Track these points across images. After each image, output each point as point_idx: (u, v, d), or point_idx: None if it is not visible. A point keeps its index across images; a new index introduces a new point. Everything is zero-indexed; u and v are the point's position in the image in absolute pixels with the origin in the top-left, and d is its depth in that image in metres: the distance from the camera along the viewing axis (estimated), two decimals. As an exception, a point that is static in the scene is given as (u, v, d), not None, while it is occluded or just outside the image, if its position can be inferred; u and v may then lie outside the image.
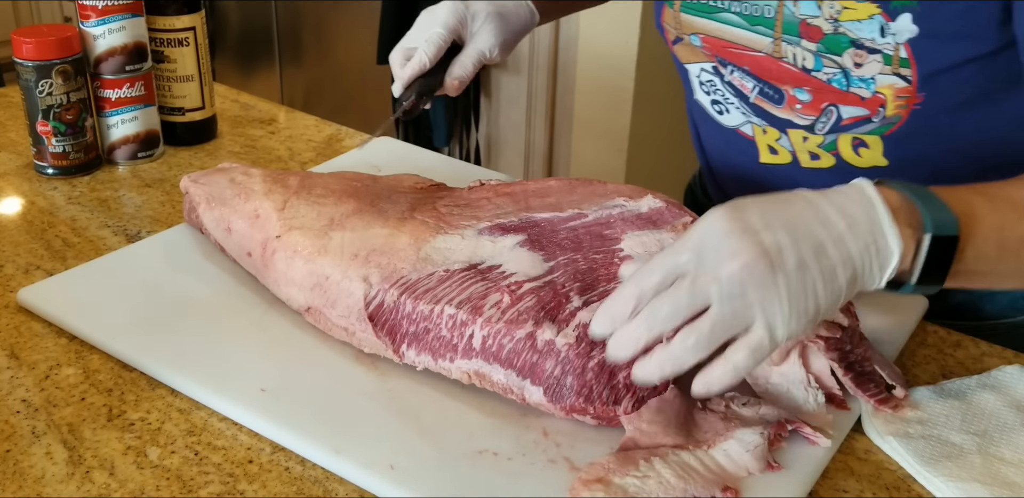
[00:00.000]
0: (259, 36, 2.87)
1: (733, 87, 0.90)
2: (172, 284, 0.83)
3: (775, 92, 0.86)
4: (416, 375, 0.72)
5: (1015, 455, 0.67)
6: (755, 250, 0.56)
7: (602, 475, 0.62)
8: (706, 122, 0.97)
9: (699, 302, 0.57)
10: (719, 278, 0.56)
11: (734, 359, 0.58)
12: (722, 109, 0.93)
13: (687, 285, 0.57)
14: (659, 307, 0.58)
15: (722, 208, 0.59)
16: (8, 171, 1.06)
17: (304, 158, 1.11)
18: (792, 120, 0.87)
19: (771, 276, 0.56)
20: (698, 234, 0.58)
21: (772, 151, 0.91)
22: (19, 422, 0.69)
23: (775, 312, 0.57)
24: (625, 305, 0.59)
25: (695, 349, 0.57)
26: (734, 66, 0.88)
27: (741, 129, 0.92)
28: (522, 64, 2.42)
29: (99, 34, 1.02)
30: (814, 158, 0.88)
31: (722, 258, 0.57)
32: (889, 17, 0.76)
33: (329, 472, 0.65)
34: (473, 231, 0.77)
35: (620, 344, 0.59)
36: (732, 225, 0.57)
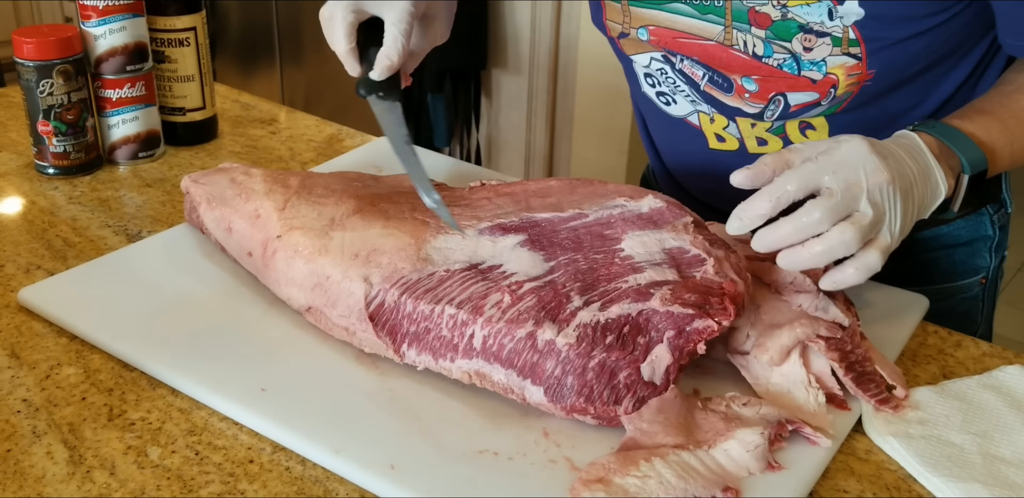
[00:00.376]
0: (260, 36, 2.87)
1: (684, 75, 0.90)
2: (173, 284, 0.83)
3: (724, 80, 0.87)
4: (417, 375, 0.72)
5: (1016, 455, 0.67)
6: (891, 171, 0.68)
7: (602, 475, 0.62)
8: (653, 114, 0.99)
9: (848, 209, 0.67)
10: (868, 188, 0.67)
11: (867, 260, 0.68)
12: (669, 100, 0.95)
13: (838, 194, 0.67)
14: (812, 211, 0.67)
15: (857, 137, 0.69)
16: (9, 171, 1.06)
17: (305, 158, 1.11)
18: (741, 108, 0.88)
19: (898, 193, 0.69)
20: (841, 151, 0.68)
21: (720, 139, 0.93)
22: (20, 422, 0.69)
23: (895, 223, 0.69)
24: (763, 207, 0.68)
25: (849, 243, 0.67)
26: (684, 55, 0.88)
27: (688, 119, 0.94)
28: (523, 65, 2.42)
29: (100, 34, 1.02)
30: (761, 144, 0.91)
31: (869, 172, 0.68)
32: (837, 1, 0.77)
33: (330, 472, 0.65)
34: (474, 231, 0.77)
35: (768, 241, 0.68)
36: (872, 148, 0.69)
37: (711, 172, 0.96)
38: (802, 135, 0.89)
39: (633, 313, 0.68)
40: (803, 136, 0.89)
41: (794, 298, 0.75)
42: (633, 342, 0.67)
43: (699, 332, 0.67)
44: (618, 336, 0.67)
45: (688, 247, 0.74)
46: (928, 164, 0.72)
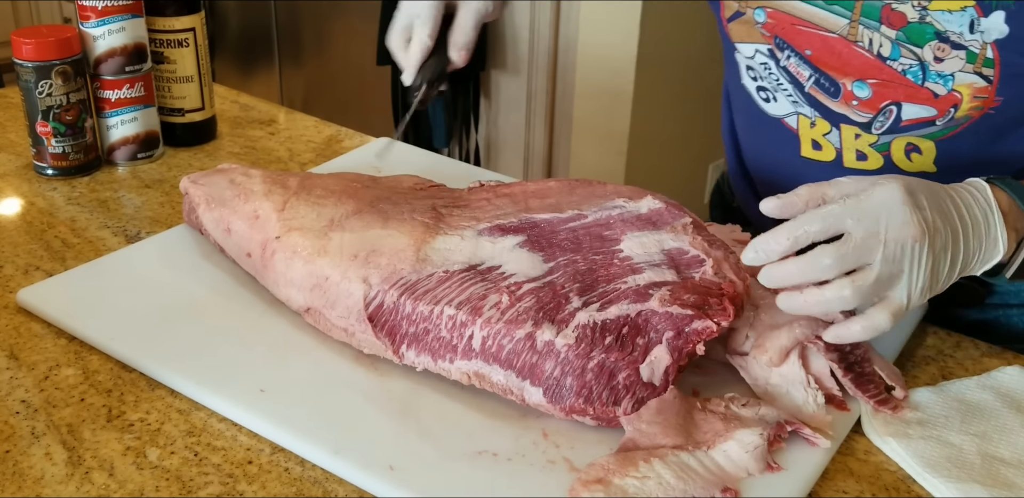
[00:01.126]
0: (259, 37, 2.87)
1: (788, 73, 0.85)
2: (171, 285, 0.83)
3: (831, 84, 0.82)
4: (416, 376, 0.72)
5: (1014, 456, 0.67)
6: (921, 227, 0.63)
7: (601, 476, 0.62)
8: (747, 110, 0.93)
9: (860, 260, 0.63)
10: (886, 242, 0.63)
11: (875, 319, 0.65)
12: (769, 96, 0.89)
13: (854, 243, 0.63)
14: (822, 257, 0.63)
15: (896, 181, 0.64)
16: (8, 172, 1.06)
17: (304, 159, 1.11)
18: (848, 115, 0.83)
19: (925, 252, 0.64)
20: (873, 198, 0.64)
21: (816, 146, 0.88)
22: (18, 423, 0.69)
23: (916, 284, 0.64)
24: (779, 244, 0.64)
25: (845, 300, 0.64)
26: (792, 51, 0.83)
27: (786, 120, 0.89)
28: (521, 66, 2.42)
29: (99, 35, 1.02)
30: (860, 158, 0.85)
31: (892, 225, 0.63)
32: (983, 12, 0.72)
33: (329, 473, 0.65)
34: (473, 232, 0.77)
35: (773, 278, 0.66)
36: (907, 199, 0.64)
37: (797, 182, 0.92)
38: (906, 158, 0.83)
39: (632, 314, 0.68)
40: (907, 159, 0.83)
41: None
42: (632, 343, 0.67)
43: (698, 333, 0.67)
44: (617, 337, 0.67)
45: (687, 248, 0.74)
46: (989, 220, 0.67)
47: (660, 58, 2.33)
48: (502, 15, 0.93)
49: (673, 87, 2.43)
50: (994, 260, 0.68)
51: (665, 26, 2.29)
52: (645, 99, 2.34)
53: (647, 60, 2.28)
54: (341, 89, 2.73)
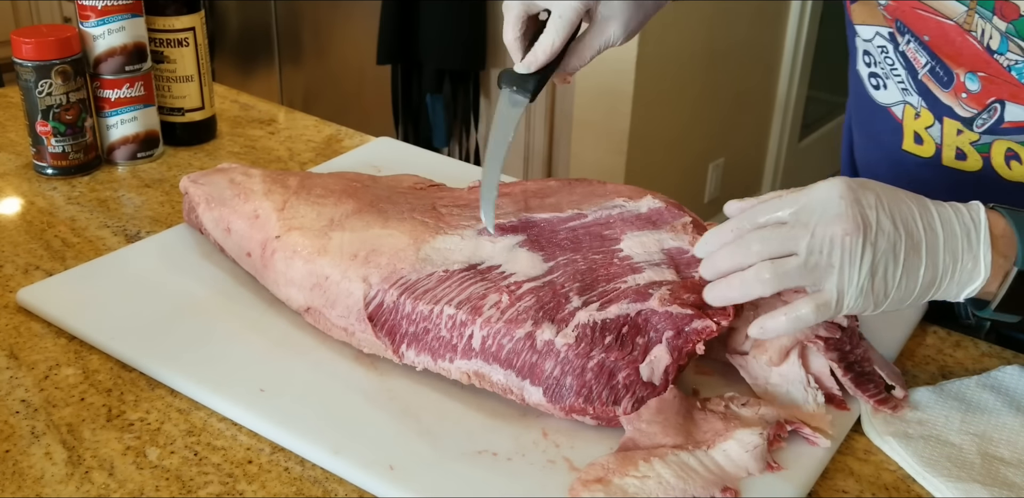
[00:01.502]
0: (258, 36, 2.87)
1: (905, 58, 0.83)
2: (171, 284, 0.83)
3: (945, 73, 0.80)
4: (415, 375, 0.72)
5: (1014, 455, 0.67)
6: (856, 221, 0.62)
7: (601, 475, 0.62)
8: (858, 97, 0.91)
9: (787, 248, 0.63)
10: (813, 233, 0.62)
11: (800, 310, 0.63)
12: (879, 83, 0.87)
13: (782, 230, 0.63)
14: (751, 241, 0.64)
15: (845, 179, 0.64)
16: (8, 171, 1.06)
17: (304, 158, 1.11)
18: (953, 108, 0.81)
19: (859, 248, 0.62)
20: (812, 193, 0.64)
21: (918, 139, 0.85)
22: (18, 422, 0.69)
23: (851, 280, 0.62)
24: (725, 235, 0.65)
25: (765, 283, 0.63)
26: (912, 35, 0.81)
27: (892, 109, 0.87)
28: (521, 65, 2.42)
29: (99, 34, 1.02)
30: (960, 157, 0.83)
31: (824, 218, 0.62)
32: None
33: (328, 472, 0.65)
34: (472, 231, 0.77)
35: (706, 266, 0.66)
36: (846, 193, 0.63)
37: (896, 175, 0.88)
38: (1006, 165, 0.80)
39: (632, 313, 0.68)
40: (1007, 167, 0.80)
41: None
42: (632, 342, 0.67)
43: (698, 332, 0.67)
44: (617, 336, 0.67)
45: (687, 247, 0.74)
46: (971, 238, 0.63)
47: (660, 56, 2.32)
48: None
49: (673, 87, 2.43)
50: (974, 283, 0.64)
51: (665, 26, 2.29)
52: (645, 99, 2.34)
53: (647, 60, 2.28)
54: (341, 88, 2.73)
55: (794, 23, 2.75)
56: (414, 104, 2.50)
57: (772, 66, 2.80)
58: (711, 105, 2.60)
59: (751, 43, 2.65)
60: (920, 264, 0.63)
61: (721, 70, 2.56)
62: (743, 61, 2.65)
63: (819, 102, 3.18)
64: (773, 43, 2.76)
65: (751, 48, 2.66)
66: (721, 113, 2.65)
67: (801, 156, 3.11)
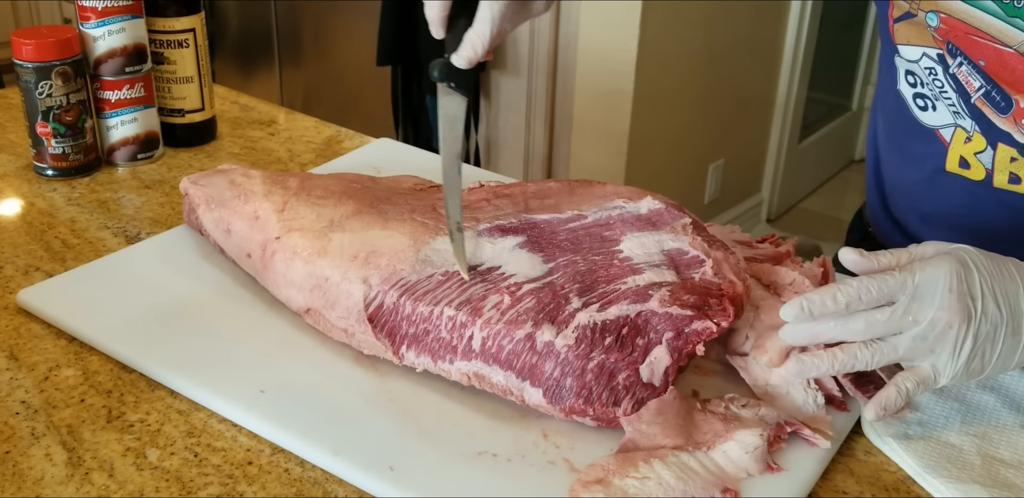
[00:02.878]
0: (259, 37, 2.87)
1: (956, 81, 0.81)
2: (172, 285, 0.83)
3: (1003, 98, 0.78)
4: (415, 376, 0.72)
5: (1014, 456, 0.67)
6: (963, 314, 0.63)
7: (601, 476, 0.62)
8: (897, 116, 0.89)
9: (890, 331, 0.64)
10: (919, 321, 0.63)
11: (904, 385, 0.65)
12: (927, 104, 0.85)
13: (889, 314, 0.64)
14: (856, 321, 0.64)
15: (955, 263, 0.64)
16: (8, 172, 1.06)
17: (304, 159, 1.11)
18: (1012, 134, 0.79)
19: (961, 337, 0.63)
20: (924, 278, 0.64)
21: (963, 164, 0.84)
22: (18, 423, 0.69)
23: (946, 363, 0.64)
24: (828, 305, 0.65)
25: (862, 362, 0.64)
26: (964, 58, 0.79)
27: (940, 131, 0.85)
28: (521, 66, 2.42)
29: (99, 36, 1.02)
30: (1013, 181, 0.82)
31: (932, 306, 0.63)
32: None
33: (329, 473, 0.65)
34: (472, 233, 0.77)
35: (800, 334, 0.66)
36: (956, 285, 0.64)
37: (935, 197, 0.88)
38: None
39: (632, 314, 0.68)
40: None
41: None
42: (632, 343, 0.67)
43: (698, 333, 0.67)
44: (617, 337, 0.67)
45: (687, 248, 0.74)
46: None
47: (660, 58, 2.33)
48: None
49: (673, 87, 2.43)
50: None
51: (665, 26, 2.29)
52: (645, 99, 2.34)
53: (647, 60, 2.28)
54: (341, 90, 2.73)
55: (794, 23, 2.75)
56: (414, 105, 2.50)
57: (772, 67, 2.80)
58: (711, 106, 2.60)
59: (751, 44, 2.65)
60: (1020, 344, 0.65)
61: (721, 71, 2.56)
62: (743, 62, 2.65)
63: (819, 103, 3.18)
64: (773, 44, 2.76)
65: (751, 49, 2.67)
66: (721, 114, 2.65)
67: (801, 157, 3.12)
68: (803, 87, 2.91)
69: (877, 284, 0.64)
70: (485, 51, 0.75)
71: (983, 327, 0.64)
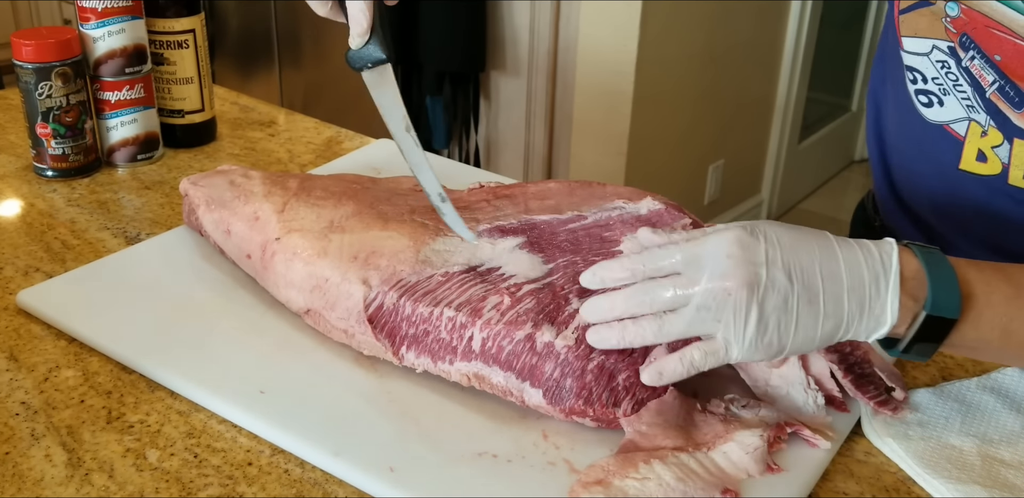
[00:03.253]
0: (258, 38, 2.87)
1: (969, 75, 0.78)
2: (171, 286, 0.83)
3: (1017, 94, 0.76)
4: (415, 377, 0.72)
5: (1015, 457, 0.67)
6: (744, 280, 0.60)
7: (602, 477, 0.62)
8: (900, 115, 0.87)
9: (677, 303, 0.62)
10: (700, 290, 0.61)
11: (690, 356, 0.63)
12: (932, 100, 0.82)
13: (675, 285, 0.62)
14: (643, 292, 0.63)
15: (739, 230, 0.62)
16: (7, 173, 1.06)
17: (304, 160, 1.11)
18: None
19: (746, 305, 0.61)
20: (706, 246, 0.62)
21: (980, 157, 0.81)
22: (18, 424, 0.69)
23: (736, 335, 0.61)
24: (615, 270, 0.65)
25: (653, 336, 0.63)
26: (977, 52, 0.77)
27: (951, 126, 0.82)
28: (521, 66, 2.42)
29: (99, 36, 1.02)
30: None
31: (713, 275, 0.61)
32: None
33: (329, 474, 0.65)
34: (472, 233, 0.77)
35: (593, 308, 0.66)
36: (736, 251, 0.61)
37: (955, 196, 0.84)
38: None
39: (632, 315, 0.68)
40: None
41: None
42: (632, 344, 0.67)
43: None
44: (617, 338, 0.67)
45: (687, 249, 0.74)
46: (880, 284, 0.62)
47: (660, 58, 2.33)
48: None
49: (673, 87, 2.43)
50: (881, 328, 0.62)
51: (665, 27, 2.29)
52: (645, 100, 2.34)
53: (647, 60, 2.28)
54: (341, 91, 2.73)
55: (794, 24, 2.75)
56: (414, 106, 2.50)
57: (772, 67, 2.80)
58: (711, 106, 2.60)
59: (751, 44, 2.66)
60: (818, 315, 0.61)
61: (721, 71, 2.56)
62: (743, 62, 2.65)
63: (819, 103, 3.19)
64: (773, 44, 2.76)
65: (751, 49, 2.67)
66: (721, 114, 2.65)
67: (801, 158, 3.12)
68: (803, 88, 2.91)
69: (660, 251, 0.63)
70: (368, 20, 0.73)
71: (770, 297, 0.60)
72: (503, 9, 2.39)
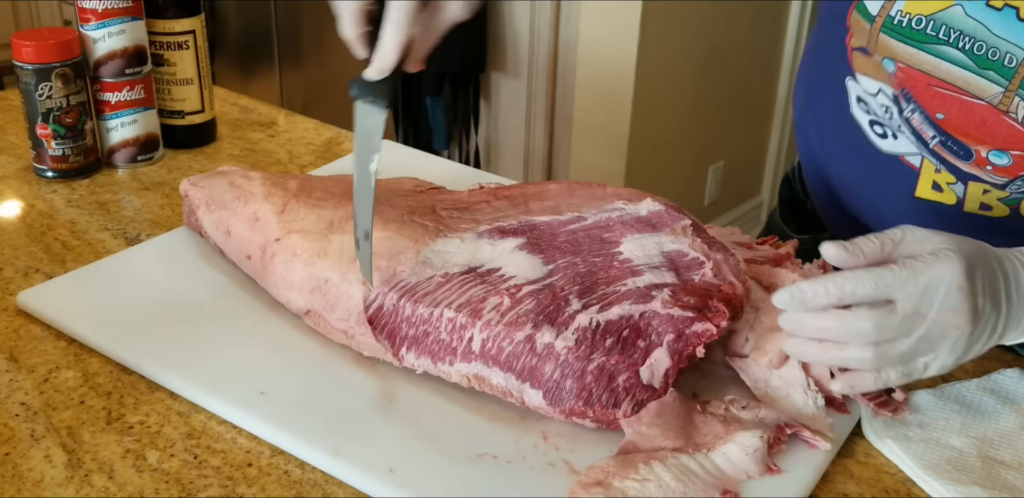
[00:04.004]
0: (259, 39, 2.87)
1: (910, 125, 0.77)
2: (171, 287, 0.83)
3: (961, 149, 0.75)
4: (415, 378, 0.72)
5: (1015, 458, 0.67)
6: (972, 315, 0.61)
7: (601, 478, 0.62)
8: (849, 138, 0.84)
9: (899, 335, 0.61)
10: (928, 322, 0.60)
11: (887, 376, 0.63)
12: (886, 132, 0.81)
13: (901, 317, 0.60)
14: (862, 322, 0.61)
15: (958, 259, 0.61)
16: (8, 174, 1.06)
17: (304, 161, 1.11)
18: (980, 177, 0.76)
19: (966, 338, 0.62)
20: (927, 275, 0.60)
21: (936, 188, 0.80)
22: (18, 425, 0.69)
23: (945, 361, 0.63)
24: (821, 297, 0.61)
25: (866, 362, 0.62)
26: (917, 108, 0.75)
27: (907, 158, 0.81)
28: (521, 67, 2.42)
29: (99, 37, 1.02)
30: (984, 208, 0.79)
31: (944, 307, 0.60)
32: None
33: (328, 475, 0.65)
34: (472, 234, 0.77)
35: (799, 325, 0.63)
36: (964, 282, 0.60)
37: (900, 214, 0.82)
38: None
39: (632, 316, 0.68)
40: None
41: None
42: (632, 345, 0.67)
43: (698, 335, 0.67)
44: (617, 339, 0.67)
45: (687, 250, 0.74)
46: None
47: (660, 59, 2.33)
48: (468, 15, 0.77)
49: (673, 88, 2.43)
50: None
51: (665, 27, 2.29)
52: (645, 101, 2.34)
53: (647, 61, 2.28)
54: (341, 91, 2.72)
55: (794, 24, 2.75)
56: (414, 107, 2.50)
57: (772, 68, 2.80)
58: (711, 107, 2.60)
59: (751, 45, 2.66)
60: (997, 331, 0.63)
61: (721, 72, 2.56)
62: (743, 63, 2.65)
63: (819, 105, 3.18)
64: (773, 45, 2.76)
65: (751, 50, 2.67)
66: (721, 115, 2.65)
67: (801, 158, 3.11)
68: (803, 89, 2.91)
69: (873, 278, 0.60)
70: (397, 58, 0.71)
71: (980, 328, 0.62)
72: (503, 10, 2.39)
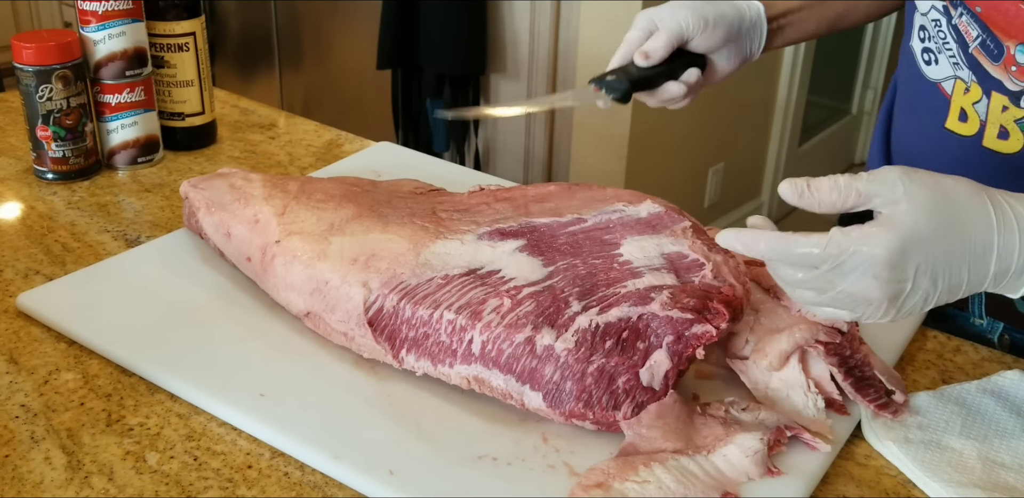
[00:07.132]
0: (259, 41, 2.88)
1: (957, 32, 0.83)
2: (171, 289, 0.83)
3: (996, 46, 0.79)
4: (415, 380, 0.72)
5: (1015, 460, 0.67)
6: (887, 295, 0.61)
7: (602, 480, 0.62)
8: (909, 74, 0.92)
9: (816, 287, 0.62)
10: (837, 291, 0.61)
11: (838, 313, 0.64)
12: (931, 58, 0.87)
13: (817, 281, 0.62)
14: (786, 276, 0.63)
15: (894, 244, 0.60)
16: (8, 176, 1.06)
17: (304, 163, 1.11)
18: (1003, 82, 0.80)
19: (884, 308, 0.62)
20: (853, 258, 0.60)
21: (963, 116, 0.85)
22: (18, 427, 0.69)
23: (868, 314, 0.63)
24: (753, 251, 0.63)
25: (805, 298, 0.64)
26: (964, 8, 0.81)
27: (942, 84, 0.87)
28: (521, 69, 2.42)
29: (99, 39, 1.02)
30: (1002, 136, 0.82)
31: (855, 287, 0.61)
32: None
33: (328, 477, 0.65)
34: (473, 236, 0.77)
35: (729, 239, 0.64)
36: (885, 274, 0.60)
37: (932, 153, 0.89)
38: None
39: (632, 318, 0.68)
40: None
41: (793, 303, 0.75)
42: (632, 347, 0.67)
43: (698, 337, 0.67)
44: (617, 341, 0.67)
45: (687, 252, 0.74)
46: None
47: (660, 62, 2.32)
48: None
49: (673, 91, 2.43)
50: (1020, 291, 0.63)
51: (665, 30, 2.29)
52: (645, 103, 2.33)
53: (647, 64, 2.28)
54: (341, 93, 2.73)
55: (794, 27, 2.75)
56: (414, 109, 2.50)
57: (772, 71, 2.80)
58: (711, 110, 2.60)
59: (751, 47, 2.65)
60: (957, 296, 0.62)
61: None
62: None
63: (819, 107, 3.18)
64: (773, 47, 2.76)
65: (751, 52, 2.66)
66: (721, 118, 2.65)
67: (801, 161, 3.12)
68: (803, 91, 2.91)
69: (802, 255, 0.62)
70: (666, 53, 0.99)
71: (910, 300, 0.62)
72: (503, 11, 2.39)
